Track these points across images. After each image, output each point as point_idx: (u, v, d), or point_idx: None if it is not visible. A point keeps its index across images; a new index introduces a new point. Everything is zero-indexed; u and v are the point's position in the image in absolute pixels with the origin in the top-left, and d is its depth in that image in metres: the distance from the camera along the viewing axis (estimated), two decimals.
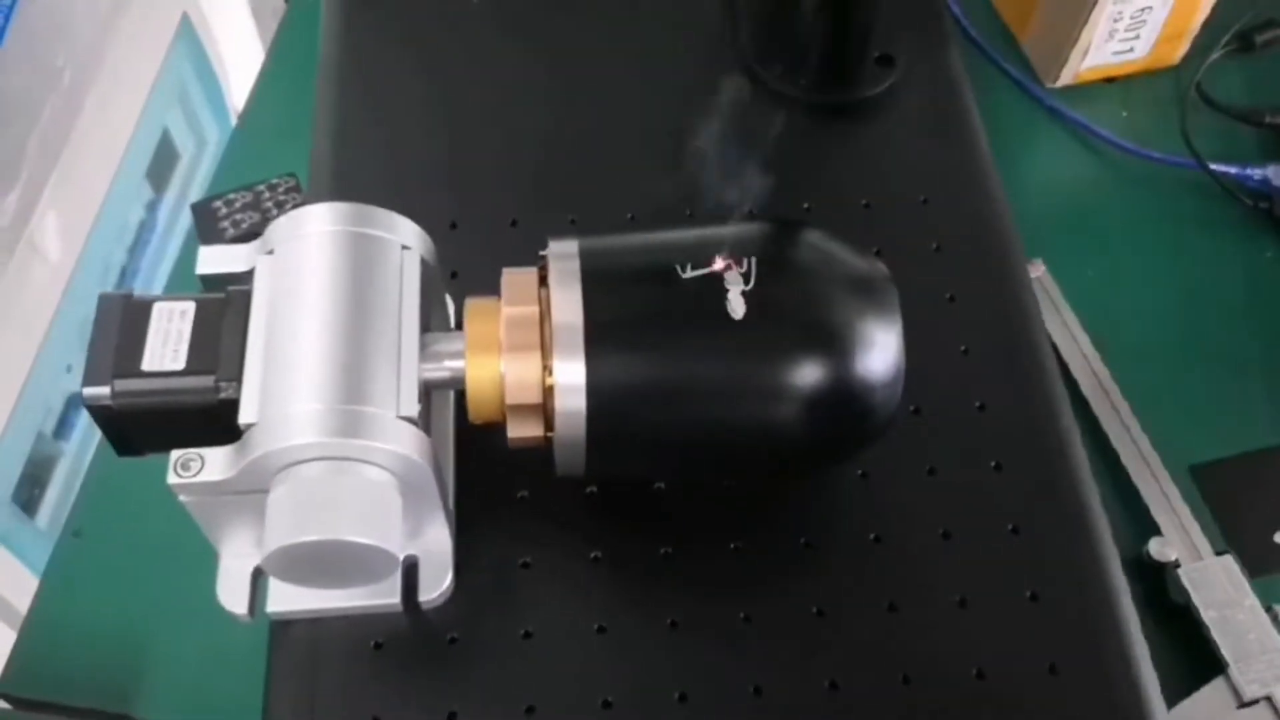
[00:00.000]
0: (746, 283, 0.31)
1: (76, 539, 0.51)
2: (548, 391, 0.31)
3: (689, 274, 0.31)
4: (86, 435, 0.78)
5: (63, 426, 0.79)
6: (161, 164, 0.90)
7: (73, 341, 0.77)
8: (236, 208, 0.52)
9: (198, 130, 0.96)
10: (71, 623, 0.49)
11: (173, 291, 0.34)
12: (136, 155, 0.85)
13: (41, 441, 0.77)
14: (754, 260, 0.32)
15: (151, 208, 0.89)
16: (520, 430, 0.33)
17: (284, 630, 0.35)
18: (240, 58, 0.96)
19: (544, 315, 0.32)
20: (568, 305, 0.31)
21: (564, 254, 0.32)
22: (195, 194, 0.93)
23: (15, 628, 0.66)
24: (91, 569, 0.50)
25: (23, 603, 0.65)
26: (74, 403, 0.78)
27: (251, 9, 0.98)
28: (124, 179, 0.83)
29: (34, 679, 0.48)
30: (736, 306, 0.31)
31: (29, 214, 0.71)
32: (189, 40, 0.91)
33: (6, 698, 0.47)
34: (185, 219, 0.92)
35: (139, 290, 0.35)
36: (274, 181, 0.54)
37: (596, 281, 0.32)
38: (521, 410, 0.32)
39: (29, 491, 0.75)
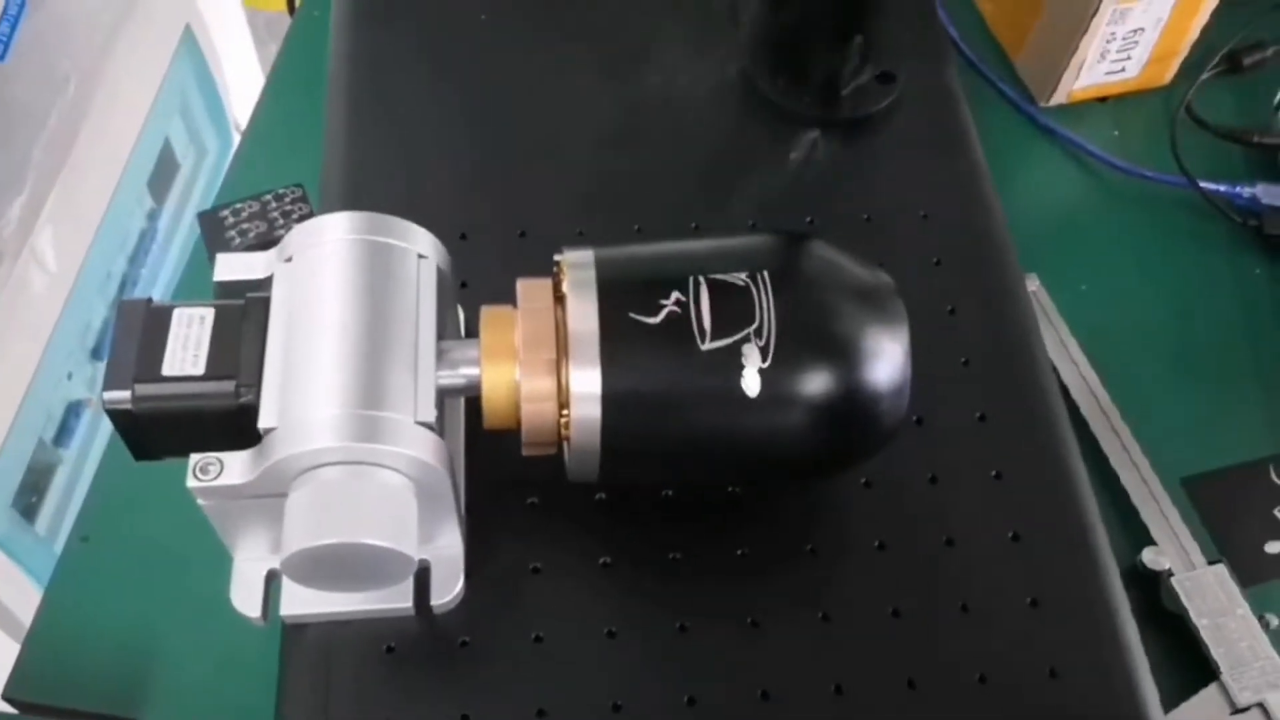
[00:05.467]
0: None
1: (84, 544, 0.51)
2: (563, 399, 0.32)
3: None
4: (85, 442, 0.78)
5: (63, 433, 0.78)
6: (162, 174, 0.90)
7: (74, 349, 0.77)
8: (244, 217, 0.52)
9: (198, 141, 0.96)
10: (79, 628, 0.49)
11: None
12: (138, 165, 0.86)
13: (41, 448, 0.77)
14: (765, 274, 0.32)
15: (152, 217, 0.89)
16: (535, 437, 0.33)
17: (297, 634, 0.35)
18: (240, 70, 0.97)
19: (559, 324, 0.33)
20: (584, 314, 0.32)
21: (580, 263, 0.33)
22: (195, 204, 0.93)
23: (12, 632, 0.66)
24: (99, 574, 0.50)
25: (21, 607, 0.65)
26: (74, 410, 0.78)
27: (250, 22, 0.99)
28: (126, 188, 0.83)
29: (41, 684, 0.47)
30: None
31: (32, 223, 0.71)
32: (191, 51, 0.92)
33: (13, 702, 0.47)
34: (185, 229, 0.92)
35: None
36: (280, 191, 0.54)
37: (612, 291, 0.32)
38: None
39: (28, 498, 0.75)
